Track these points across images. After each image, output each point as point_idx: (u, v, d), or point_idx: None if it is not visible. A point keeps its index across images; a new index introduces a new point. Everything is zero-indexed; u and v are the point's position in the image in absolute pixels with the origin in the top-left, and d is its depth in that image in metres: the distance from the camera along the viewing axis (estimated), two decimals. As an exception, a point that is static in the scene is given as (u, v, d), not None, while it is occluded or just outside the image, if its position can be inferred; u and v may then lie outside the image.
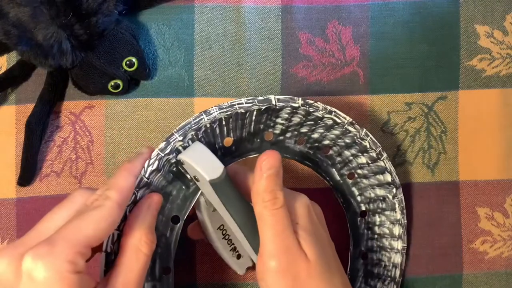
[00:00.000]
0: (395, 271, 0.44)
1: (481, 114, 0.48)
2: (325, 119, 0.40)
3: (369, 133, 0.41)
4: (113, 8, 0.41)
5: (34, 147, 0.44)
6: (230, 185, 0.36)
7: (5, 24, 0.40)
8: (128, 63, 0.43)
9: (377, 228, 0.45)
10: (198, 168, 0.35)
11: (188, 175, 0.38)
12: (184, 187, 0.39)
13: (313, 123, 0.41)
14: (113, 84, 0.43)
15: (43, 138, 0.45)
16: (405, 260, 0.47)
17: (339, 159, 0.43)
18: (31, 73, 0.45)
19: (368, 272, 0.45)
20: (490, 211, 0.48)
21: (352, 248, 0.45)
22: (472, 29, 0.47)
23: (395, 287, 0.45)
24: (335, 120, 0.40)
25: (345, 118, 0.40)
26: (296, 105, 0.38)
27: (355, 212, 0.45)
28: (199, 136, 0.38)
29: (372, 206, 0.45)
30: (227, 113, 0.37)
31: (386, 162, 0.42)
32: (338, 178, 0.44)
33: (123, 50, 0.43)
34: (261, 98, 0.38)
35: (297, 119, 0.40)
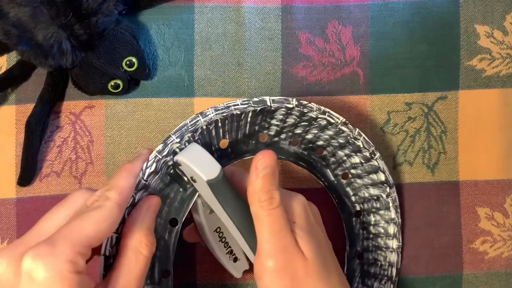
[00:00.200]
0: (391, 270, 0.45)
1: (481, 114, 0.48)
2: (319, 119, 0.40)
3: (362, 133, 0.41)
4: (113, 8, 0.41)
5: (34, 147, 0.44)
6: (227, 185, 0.36)
7: (5, 24, 0.40)
8: (128, 63, 0.43)
9: (372, 227, 0.45)
10: (195, 168, 0.35)
11: (185, 177, 0.38)
12: (181, 189, 0.39)
13: (307, 123, 0.41)
14: (113, 84, 0.43)
15: (43, 138, 0.45)
16: (405, 260, 0.47)
17: (333, 159, 0.44)
18: (31, 73, 0.45)
19: (364, 272, 0.45)
20: (490, 211, 0.48)
21: (348, 248, 0.45)
22: (472, 29, 0.47)
23: (391, 286, 0.45)
24: (328, 120, 0.40)
25: (339, 118, 0.40)
26: (290, 106, 0.38)
27: (350, 212, 0.45)
28: (196, 138, 0.38)
29: (366, 206, 0.45)
30: (223, 114, 0.37)
31: (379, 161, 0.43)
32: (332, 178, 0.44)
33: (123, 50, 0.43)
34: (257, 99, 0.38)
35: (291, 120, 0.40)
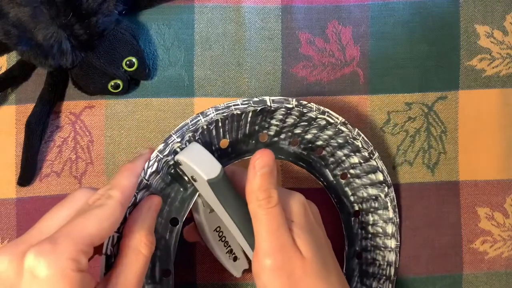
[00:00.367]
0: (390, 269, 0.45)
1: (481, 114, 0.48)
2: (318, 119, 0.40)
3: (361, 133, 0.41)
4: (113, 8, 0.41)
5: (34, 147, 0.44)
6: (228, 185, 0.36)
7: (5, 24, 0.40)
8: (128, 63, 0.43)
9: (370, 227, 0.45)
10: (196, 167, 0.35)
11: (185, 177, 0.38)
12: (182, 189, 0.39)
13: (307, 123, 0.41)
14: (113, 84, 0.43)
15: (43, 138, 0.45)
16: (405, 260, 0.47)
17: (332, 159, 0.44)
18: (31, 73, 0.45)
19: (363, 271, 0.45)
20: (490, 211, 0.48)
21: (347, 248, 0.45)
22: (472, 29, 0.47)
23: (390, 285, 0.45)
24: (328, 120, 0.40)
25: (338, 118, 0.40)
26: (290, 106, 0.39)
27: (349, 212, 0.45)
28: (196, 137, 0.38)
29: (365, 205, 0.45)
30: (223, 114, 0.37)
31: (378, 161, 0.43)
32: (331, 178, 0.44)
33: (123, 50, 0.43)
34: (257, 99, 0.38)
35: (291, 120, 0.40)
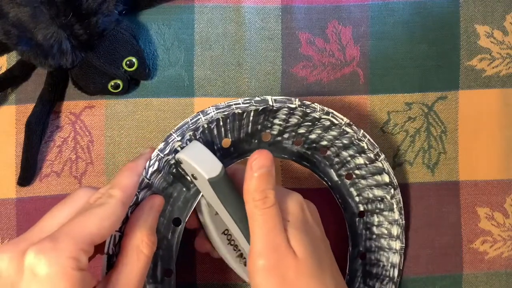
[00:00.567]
0: (393, 271, 0.44)
1: (481, 114, 0.48)
2: (322, 120, 0.40)
3: (367, 135, 0.41)
4: (113, 8, 0.41)
5: (34, 147, 0.44)
6: (228, 184, 0.36)
7: (5, 24, 0.40)
8: (128, 63, 0.43)
9: (375, 228, 0.45)
10: (197, 166, 0.35)
11: (188, 177, 0.38)
12: (184, 189, 0.39)
13: (311, 124, 0.40)
14: (113, 84, 0.43)
15: (43, 138, 0.45)
16: (405, 260, 0.47)
17: (337, 159, 0.43)
18: (31, 73, 0.45)
19: (366, 272, 0.45)
20: (490, 211, 0.48)
21: (350, 248, 0.45)
22: (472, 29, 0.47)
23: (393, 287, 0.45)
24: (332, 121, 0.40)
25: (342, 119, 0.40)
26: (293, 106, 0.38)
27: (353, 212, 0.45)
28: (197, 136, 0.38)
29: (370, 206, 0.45)
30: (224, 113, 0.37)
31: (384, 163, 0.42)
32: (336, 178, 0.44)
33: (123, 50, 0.43)
34: (258, 98, 0.38)
35: (294, 120, 0.40)
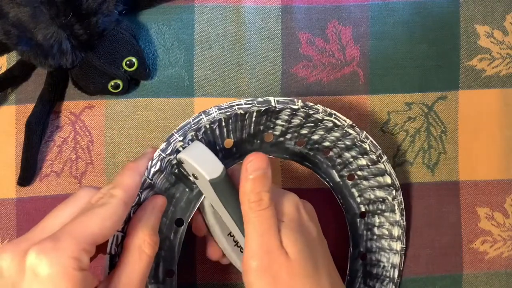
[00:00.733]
0: (394, 271, 0.45)
1: (481, 114, 0.48)
2: (325, 121, 0.40)
3: (369, 136, 0.41)
4: (113, 8, 0.41)
5: (34, 147, 0.44)
6: (229, 185, 0.36)
7: (5, 24, 0.40)
8: (128, 63, 0.43)
9: (376, 229, 0.45)
10: (198, 167, 0.35)
11: (190, 177, 0.38)
12: (187, 189, 0.39)
13: (313, 125, 0.40)
14: (113, 84, 0.43)
15: (43, 138, 0.45)
16: (405, 260, 0.47)
17: (339, 160, 0.43)
18: (31, 73, 0.45)
19: (367, 272, 0.45)
20: (490, 211, 0.48)
21: (351, 249, 0.45)
22: (472, 29, 0.47)
23: (393, 287, 0.45)
24: (335, 122, 0.40)
25: (345, 120, 0.40)
26: (295, 107, 0.38)
27: (355, 213, 0.45)
28: (199, 137, 0.38)
29: (371, 207, 0.45)
30: (226, 113, 0.37)
31: (386, 164, 0.42)
32: (338, 179, 0.44)
33: (123, 50, 0.43)
34: (261, 99, 0.38)
35: (297, 121, 0.40)
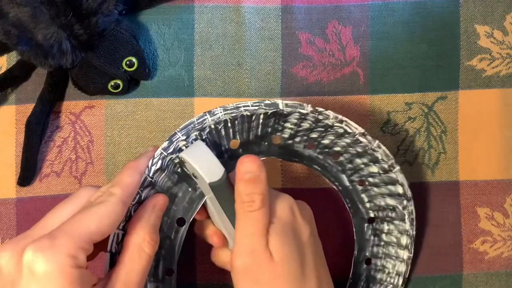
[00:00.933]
0: (398, 279, 0.44)
1: (481, 114, 0.48)
2: (335, 127, 0.39)
3: (382, 145, 0.40)
4: (113, 8, 0.41)
5: (34, 147, 0.44)
6: (229, 188, 0.36)
7: (5, 24, 0.40)
8: (128, 63, 0.43)
9: (384, 235, 0.44)
10: (198, 169, 0.35)
11: (193, 177, 0.38)
12: (190, 189, 0.38)
13: (323, 129, 0.40)
14: (113, 84, 0.43)
15: (43, 138, 0.45)
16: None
17: (349, 165, 0.42)
18: (31, 73, 0.45)
19: (371, 277, 0.45)
20: (490, 211, 0.48)
21: (356, 252, 0.44)
22: (472, 29, 0.47)
23: None
24: (345, 129, 0.39)
25: (356, 128, 0.39)
26: (304, 112, 0.37)
27: (363, 218, 0.44)
28: (204, 136, 0.37)
29: (381, 214, 0.44)
30: (232, 114, 0.37)
31: (398, 174, 0.41)
32: (347, 184, 0.43)
33: (123, 50, 0.43)
34: (268, 102, 0.37)
35: (306, 125, 0.39)
